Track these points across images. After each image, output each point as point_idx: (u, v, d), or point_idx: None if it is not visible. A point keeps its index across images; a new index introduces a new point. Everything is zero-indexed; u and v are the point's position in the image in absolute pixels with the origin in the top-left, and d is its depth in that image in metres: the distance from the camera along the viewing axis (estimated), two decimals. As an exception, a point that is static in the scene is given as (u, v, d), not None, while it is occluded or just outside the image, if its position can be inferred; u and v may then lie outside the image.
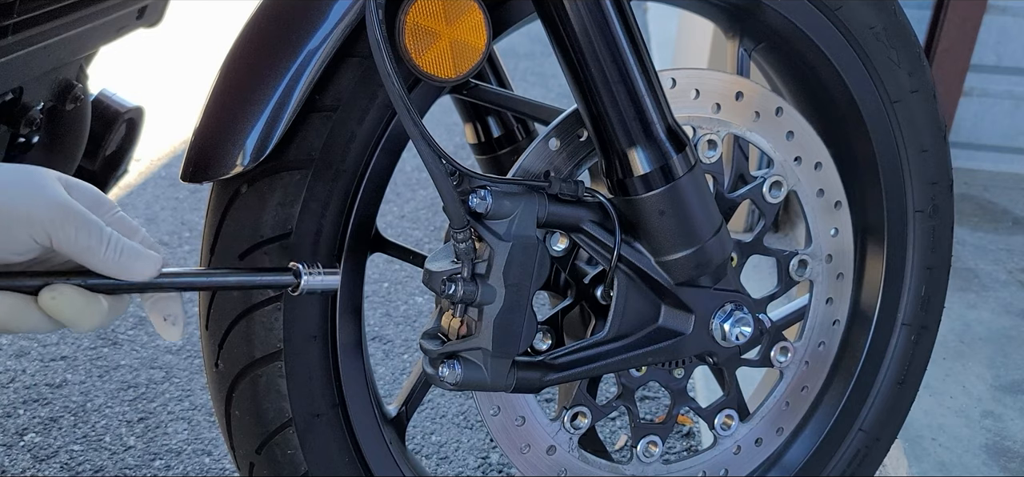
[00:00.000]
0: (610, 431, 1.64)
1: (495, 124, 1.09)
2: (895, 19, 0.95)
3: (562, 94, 3.58)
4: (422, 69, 0.71)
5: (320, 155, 0.78)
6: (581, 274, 0.88)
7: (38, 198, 0.56)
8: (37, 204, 0.56)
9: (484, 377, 0.77)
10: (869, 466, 1.11)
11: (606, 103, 0.74)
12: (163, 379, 1.73)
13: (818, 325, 0.99)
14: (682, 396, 0.94)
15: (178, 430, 1.59)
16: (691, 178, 0.77)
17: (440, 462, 1.55)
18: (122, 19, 1.24)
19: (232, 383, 0.84)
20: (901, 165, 1.00)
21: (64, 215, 0.57)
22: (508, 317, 0.75)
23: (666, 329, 0.85)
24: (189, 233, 2.34)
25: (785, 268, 0.95)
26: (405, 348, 1.87)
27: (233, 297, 0.81)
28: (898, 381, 1.08)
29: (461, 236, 0.72)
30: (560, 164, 0.82)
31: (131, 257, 0.60)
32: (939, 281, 1.07)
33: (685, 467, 0.99)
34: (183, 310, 0.65)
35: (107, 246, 0.58)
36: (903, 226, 1.02)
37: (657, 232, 0.79)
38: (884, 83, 0.96)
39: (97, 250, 0.58)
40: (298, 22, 0.73)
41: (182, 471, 1.50)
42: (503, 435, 0.88)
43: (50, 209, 0.56)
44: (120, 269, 0.59)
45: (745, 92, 0.87)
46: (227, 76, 0.75)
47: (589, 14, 0.72)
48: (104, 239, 0.58)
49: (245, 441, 0.87)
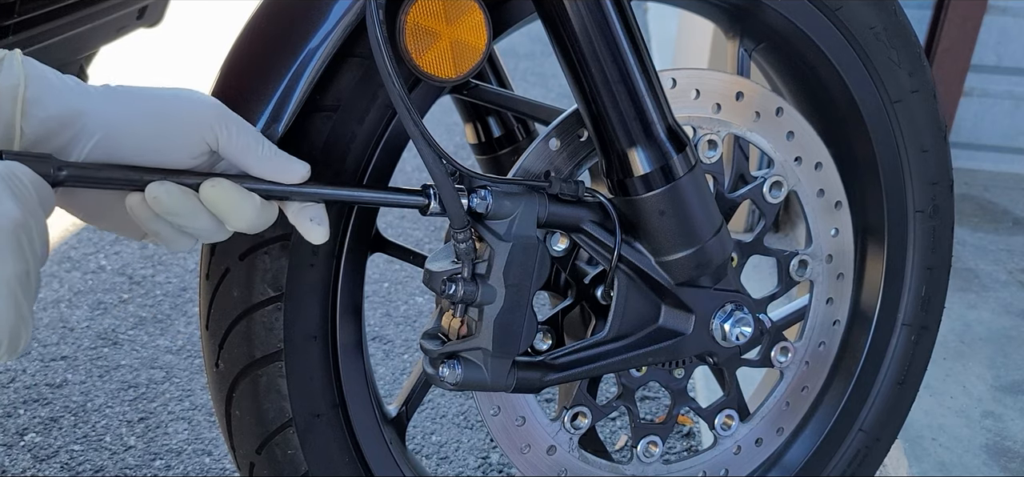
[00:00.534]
0: (610, 431, 1.64)
1: (495, 124, 1.09)
2: (895, 19, 0.95)
3: (562, 94, 3.58)
4: (422, 69, 0.71)
5: (321, 155, 0.78)
6: (581, 274, 0.88)
7: (204, 103, 0.64)
8: (204, 108, 0.63)
9: (484, 377, 0.77)
10: (869, 466, 1.11)
11: (606, 103, 0.74)
12: (163, 379, 1.73)
13: (818, 325, 0.99)
14: (682, 396, 0.94)
15: (178, 430, 1.59)
16: (691, 178, 0.77)
17: (440, 462, 1.55)
18: (122, 19, 1.24)
19: (232, 383, 0.84)
20: (901, 165, 1.00)
21: (227, 117, 0.64)
22: (508, 317, 0.76)
23: (666, 329, 0.85)
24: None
25: (785, 268, 0.95)
26: (405, 348, 1.87)
27: (233, 297, 0.81)
28: (898, 381, 1.08)
29: (461, 236, 0.72)
30: (560, 164, 0.82)
31: (284, 160, 0.65)
32: (939, 281, 1.07)
33: (685, 467, 0.99)
34: (326, 214, 0.69)
35: (263, 146, 0.65)
36: (903, 226, 1.02)
37: (657, 232, 0.79)
38: (884, 83, 0.96)
39: (255, 149, 0.64)
40: (298, 22, 0.73)
41: (182, 471, 1.50)
42: (503, 435, 0.88)
43: (215, 110, 0.63)
44: (275, 170, 0.65)
45: (745, 92, 0.87)
46: (228, 76, 0.75)
47: (589, 14, 0.72)
48: (260, 140, 0.65)
49: (245, 441, 0.87)
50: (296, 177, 0.66)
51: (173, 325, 1.92)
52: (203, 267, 0.83)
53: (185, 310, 1.98)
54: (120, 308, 1.98)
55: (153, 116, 0.61)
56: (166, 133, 0.61)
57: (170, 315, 1.96)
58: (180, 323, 1.93)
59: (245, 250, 0.80)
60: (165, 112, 0.62)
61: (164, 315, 1.95)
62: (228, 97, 0.74)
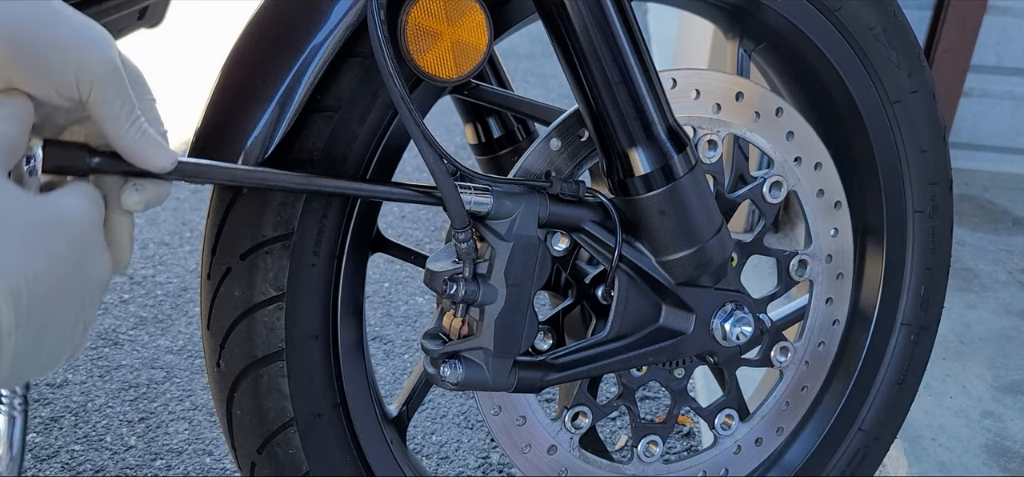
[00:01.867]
0: (610, 431, 1.64)
1: (495, 124, 1.09)
2: (894, 20, 0.95)
3: (562, 94, 3.58)
4: (423, 69, 0.71)
5: (322, 155, 0.78)
6: (582, 274, 0.88)
7: (97, 50, 0.56)
8: (94, 55, 0.56)
9: (486, 377, 0.77)
10: (869, 466, 1.11)
11: (607, 103, 0.75)
12: (164, 379, 1.73)
13: (818, 325, 0.99)
14: (682, 396, 0.94)
15: (179, 430, 1.59)
16: (692, 178, 0.77)
17: (440, 462, 1.55)
18: (123, 20, 1.24)
19: (234, 383, 0.84)
20: (900, 165, 1.00)
21: (112, 75, 0.57)
22: (509, 317, 0.76)
23: (667, 329, 0.85)
24: (190, 233, 2.34)
25: (785, 268, 0.95)
26: (406, 348, 1.87)
27: (235, 296, 0.81)
28: (897, 381, 1.08)
29: (462, 236, 0.72)
30: (561, 164, 0.82)
31: (152, 143, 0.59)
32: (938, 281, 1.07)
33: (685, 467, 0.99)
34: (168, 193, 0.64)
35: (133, 124, 0.58)
36: (902, 226, 1.03)
37: (658, 232, 0.79)
38: (883, 84, 0.96)
39: (123, 123, 0.58)
40: (299, 22, 0.73)
41: (183, 471, 1.50)
42: (504, 435, 0.88)
43: (103, 65, 0.56)
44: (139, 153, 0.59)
45: (745, 92, 0.87)
46: (229, 76, 0.75)
47: (590, 14, 0.72)
48: (133, 116, 0.58)
49: (247, 441, 0.87)
50: (157, 165, 0.60)
51: (174, 325, 1.92)
52: (204, 267, 0.83)
53: (186, 310, 1.98)
54: (121, 308, 1.98)
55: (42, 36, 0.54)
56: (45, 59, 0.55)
57: (171, 315, 1.96)
58: (181, 323, 1.93)
59: (247, 250, 0.80)
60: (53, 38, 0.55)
61: (165, 315, 1.96)
62: (230, 98, 0.74)
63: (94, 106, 0.57)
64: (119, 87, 0.57)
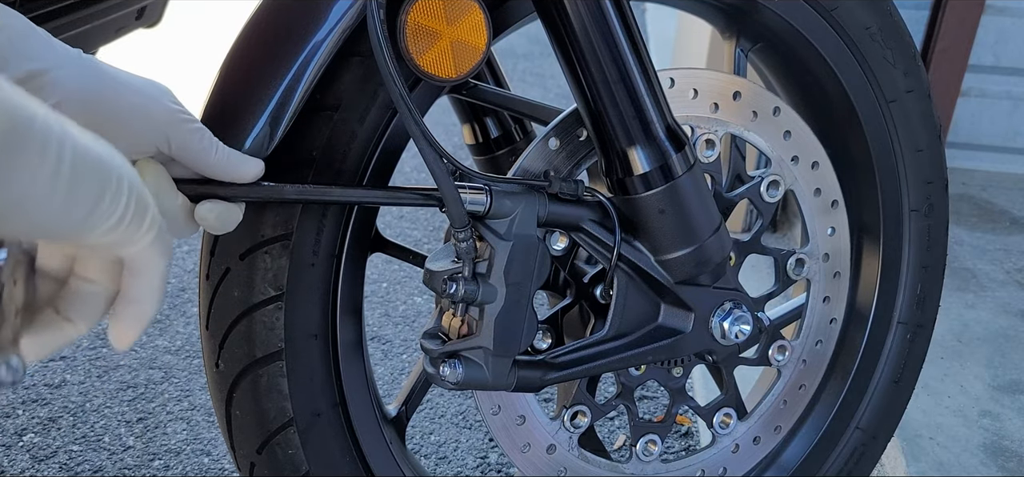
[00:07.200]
0: (609, 430, 1.64)
1: (493, 125, 1.09)
2: (890, 19, 0.95)
3: (561, 94, 3.58)
4: (423, 69, 0.71)
5: (321, 154, 0.78)
6: (581, 273, 0.88)
7: (159, 103, 0.62)
8: (158, 110, 0.61)
9: (485, 376, 0.77)
10: (866, 464, 1.11)
11: (606, 102, 0.75)
12: (162, 379, 1.73)
13: (815, 324, 0.99)
14: (681, 395, 0.95)
15: (177, 430, 1.59)
16: (690, 177, 0.78)
17: (439, 462, 1.55)
18: (121, 19, 1.24)
19: (233, 383, 0.85)
20: (897, 164, 1.00)
21: (178, 122, 0.62)
22: (509, 316, 0.76)
23: (666, 327, 0.85)
24: (188, 234, 2.34)
25: (783, 267, 0.96)
26: (404, 348, 1.88)
27: (234, 297, 0.82)
28: (894, 379, 1.09)
29: (462, 235, 0.72)
30: (560, 163, 0.83)
31: (238, 160, 0.66)
32: (934, 280, 1.07)
33: (684, 466, 0.99)
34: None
35: (215, 150, 0.64)
36: (899, 225, 1.03)
37: (657, 231, 0.79)
38: (880, 83, 0.96)
39: (209, 152, 0.64)
40: (299, 22, 0.73)
41: (181, 471, 1.50)
42: (503, 434, 0.89)
43: (168, 115, 0.62)
44: (230, 171, 0.65)
45: (743, 92, 0.88)
46: (228, 76, 0.75)
47: (589, 14, 0.72)
48: (213, 144, 0.64)
49: (246, 441, 0.87)
50: (250, 176, 0.66)
51: (172, 325, 1.92)
52: (203, 267, 0.83)
53: (184, 310, 1.98)
54: (119, 308, 1.97)
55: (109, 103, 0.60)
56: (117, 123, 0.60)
57: (169, 315, 1.96)
58: (179, 323, 1.93)
59: (246, 250, 0.80)
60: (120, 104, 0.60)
61: (163, 315, 1.96)
62: (228, 97, 0.74)
63: (178, 152, 0.63)
64: (191, 125, 0.63)
